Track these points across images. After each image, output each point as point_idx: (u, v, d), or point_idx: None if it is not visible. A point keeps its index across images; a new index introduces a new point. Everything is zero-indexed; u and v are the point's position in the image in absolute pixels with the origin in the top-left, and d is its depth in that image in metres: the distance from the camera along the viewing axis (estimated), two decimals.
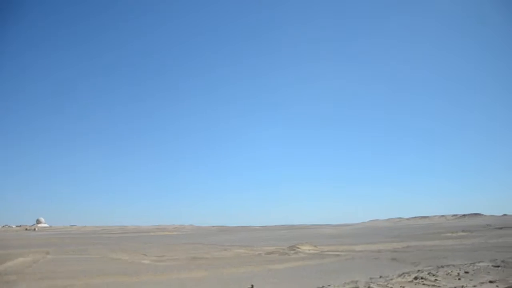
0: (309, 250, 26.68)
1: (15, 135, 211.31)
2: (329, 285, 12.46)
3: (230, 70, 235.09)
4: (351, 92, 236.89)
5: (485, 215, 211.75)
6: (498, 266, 14.95)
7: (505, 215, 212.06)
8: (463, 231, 47.56)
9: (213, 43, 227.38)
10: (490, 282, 11.31)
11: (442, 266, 15.71)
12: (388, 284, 11.63)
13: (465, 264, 16.20)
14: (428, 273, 13.49)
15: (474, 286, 10.84)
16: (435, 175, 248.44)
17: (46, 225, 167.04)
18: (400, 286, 11.34)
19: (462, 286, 10.86)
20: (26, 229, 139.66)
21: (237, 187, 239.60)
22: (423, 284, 11.58)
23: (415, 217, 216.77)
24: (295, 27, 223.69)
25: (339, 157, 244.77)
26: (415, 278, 12.46)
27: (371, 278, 13.39)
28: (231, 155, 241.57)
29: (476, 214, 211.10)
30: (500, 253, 20.04)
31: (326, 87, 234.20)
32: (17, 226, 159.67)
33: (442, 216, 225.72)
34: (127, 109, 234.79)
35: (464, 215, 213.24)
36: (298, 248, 27.52)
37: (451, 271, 13.77)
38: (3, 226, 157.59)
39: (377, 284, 11.62)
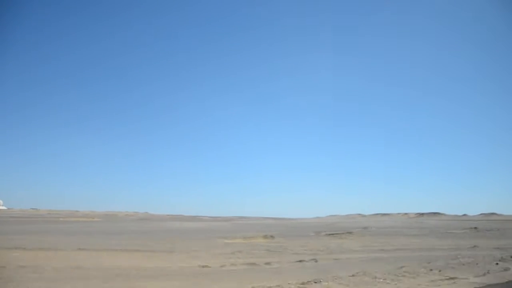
0: None
1: None
2: None
3: (220, 63, 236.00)
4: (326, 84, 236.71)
5: (445, 214, 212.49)
6: None
7: (465, 215, 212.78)
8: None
9: (206, 36, 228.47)
10: None
11: None
12: None
13: None
14: None
15: None
16: (415, 171, 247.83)
17: (3, 207, 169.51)
18: None
19: None
20: None
21: (209, 177, 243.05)
22: None
23: (377, 213, 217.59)
24: (290, 19, 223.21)
25: (310, 149, 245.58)
26: None
27: None
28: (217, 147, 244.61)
29: (435, 213, 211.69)
30: None
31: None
32: None
33: (405, 214, 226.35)
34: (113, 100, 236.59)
35: (422, 214, 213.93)
36: None
37: None
38: None
39: None
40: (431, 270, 16.61)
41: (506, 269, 17.36)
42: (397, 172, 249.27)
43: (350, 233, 44.20)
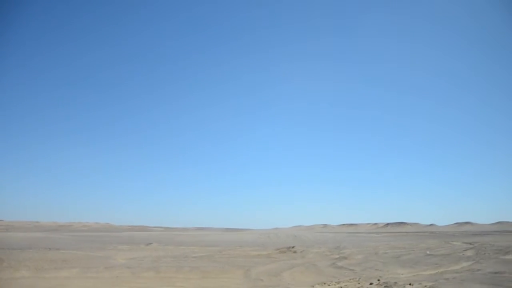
0: None
1: None
2: None
3: (225, 68, 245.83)
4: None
5: (411, 224, 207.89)
6: None
7: (432, 224, 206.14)
8: None
9: (208, 41, 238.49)
10: None
11: None
12: None
13: None
14: None
15: None
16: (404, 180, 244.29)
17: None
18: None
19: None
20: None
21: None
22: None
23: (344, 224, 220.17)
24: (292, 25, 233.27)
25: (282, 160, 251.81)
26: None
27: None
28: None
29: (400, 223, 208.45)
30: None
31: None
32: None
33: (375, 224, 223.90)
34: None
35: (387, 224, 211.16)
36: None
37: None
38: None
39: None
40: None
41: None
42: (372, 183, 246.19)
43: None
